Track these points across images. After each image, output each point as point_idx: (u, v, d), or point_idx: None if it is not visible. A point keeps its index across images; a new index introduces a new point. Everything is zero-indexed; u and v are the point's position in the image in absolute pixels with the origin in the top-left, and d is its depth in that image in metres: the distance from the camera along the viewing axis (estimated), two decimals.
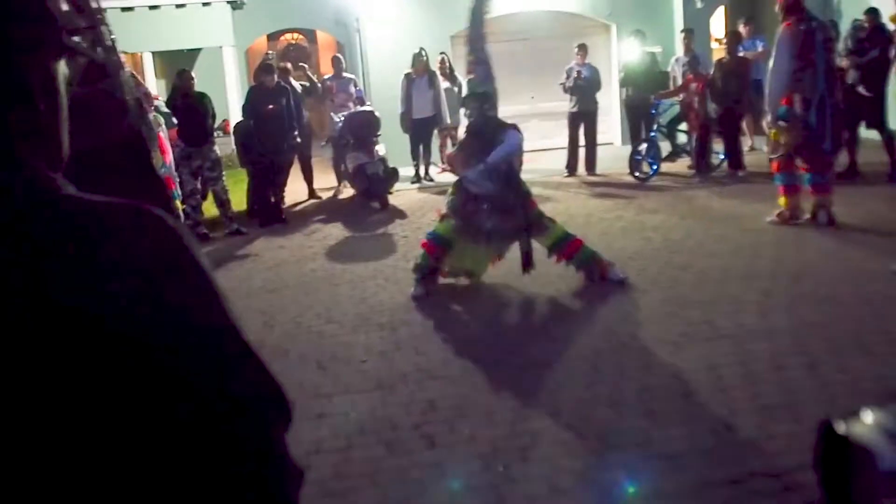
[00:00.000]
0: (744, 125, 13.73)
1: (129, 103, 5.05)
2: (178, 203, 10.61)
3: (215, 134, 12.09)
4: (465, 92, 13.74)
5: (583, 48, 14.04)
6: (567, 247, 7.88)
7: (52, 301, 1.04)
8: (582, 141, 14.13)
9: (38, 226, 1.07)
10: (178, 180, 10.83)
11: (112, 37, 4.88)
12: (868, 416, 1.25)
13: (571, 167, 14.12)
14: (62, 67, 1.23)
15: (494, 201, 7.64)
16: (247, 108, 12.28)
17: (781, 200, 9.50)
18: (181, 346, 1.09)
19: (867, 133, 11.85)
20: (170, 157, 10.49)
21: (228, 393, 1.12)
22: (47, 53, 1.20)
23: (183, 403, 1.09)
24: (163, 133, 10.17)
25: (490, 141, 7.75)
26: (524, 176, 8.15)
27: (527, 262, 7.74)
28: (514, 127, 7.98)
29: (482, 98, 8.00)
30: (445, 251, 7.91)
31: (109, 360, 1.05)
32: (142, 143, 5.22)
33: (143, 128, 5.28)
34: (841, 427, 1.24)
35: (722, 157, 13.19)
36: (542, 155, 15.76)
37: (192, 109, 11.17)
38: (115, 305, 1.05)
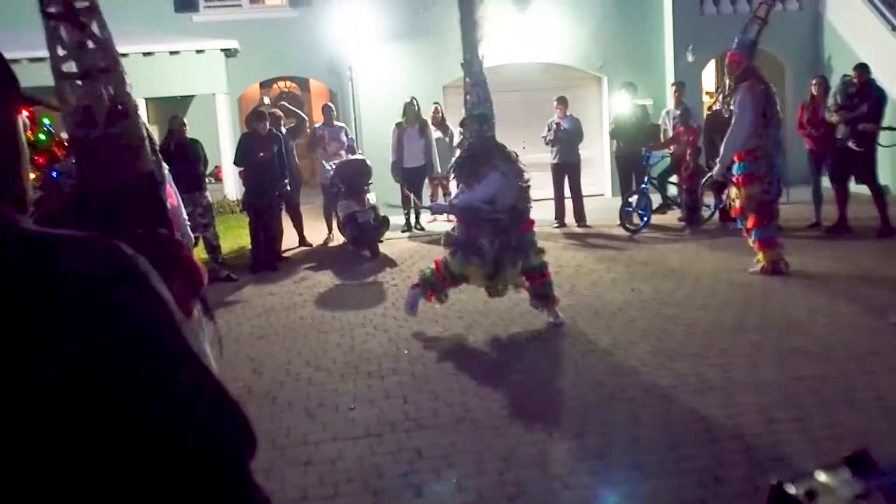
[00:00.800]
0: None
1: (143, 143, 5.10)
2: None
3: (207, 180, 12.12)
4: (456, 140, 13.90)
5: (562, 101, 14.13)
6: (539, 276, 8.17)
7: (9, 331, 1.05)
8: (568, 192, 14.18)
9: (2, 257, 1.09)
10: (187, 222, 10.82)
11: (129, 81, 4.90)
12: (819, 479, 1.28)
13: (560, 218, 14.18)
14: (21, 118, 1.29)
15: (495, 223, 7.91)
16: (238, 156, 12.33)
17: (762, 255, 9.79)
18: (141, 376, 1.10)
19: (857, 188, 11.93)
20: (175, 200, 10.50)
21: (191, 422, 1.13)
22: (8, 106, 1.25)
23: (145, 434, 1.09)
24: (168, 177, 10.15)
25: (489, 163, 7.99)
26: None
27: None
28: (508, 159, 8.12)
29: (480, 119, 8.16)
30: (455, 281, 8.25)
31: (68, 391, 1.05)
32: (153, 181, 5.26)
33: (154, 167, 5.30)
34: (791, 489, 1.28)
35: (712, 209, 13.26)
36: (533, 205, 15.82)
37: (184, 156, 11.21)
38: (73, 333, 1.07)
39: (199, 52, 16.71)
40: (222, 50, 16.86)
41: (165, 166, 5.63)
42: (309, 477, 5.15)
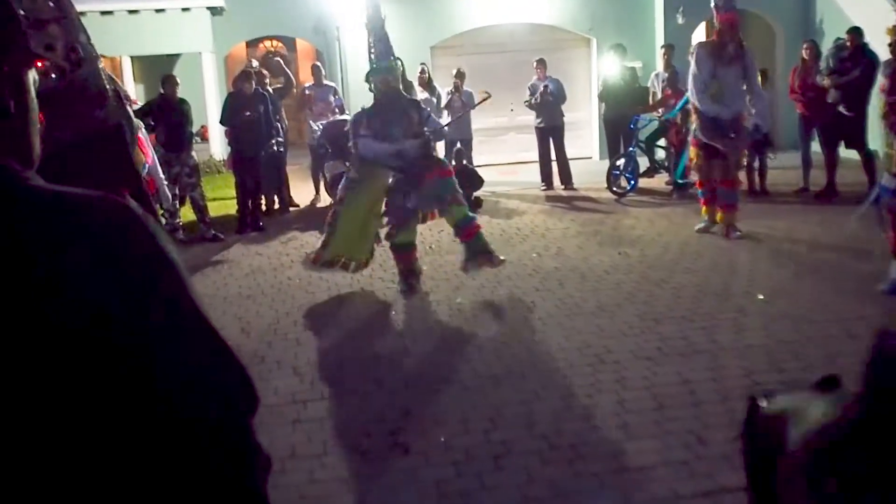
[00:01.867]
0: None
1: (106, 93, 5.01)
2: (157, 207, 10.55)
3: (194, 140, 12.06)
4: (444, 102, 13.85)
5: (541, 63, 14.03)
6: (467, 228, 8.23)
7: (14, 286, 1.05)
8: (554, 155, 14.15)
9: (4, 214, 1.08)
10: (164, 181, 10.77)
11: (86, 30, 4.81)
12: (786, 397, 1.38)
13: (547, 181, 14.15)
14: (31, 74, 1.27)
15: (407, 176, 8.05)
16: (224, 115, 12.26)
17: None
18: (150, 334, 1.10)
19: (846, 153, 11.94)
20: (151, 158, 10.43)
21: (198, 380, 1.13)
22: (16, 60, 1.23)
23: (154, 391, 1.09)
24: (142, 134, 10.12)
25: (400, 115, 8.18)
26: (503, 188, 8.26)
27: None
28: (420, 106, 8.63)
29: (385, 70, 8.31)
30: (407, 254, 8.37)
31: (78, 346, 1.05)
32: (120, 134, 5.18)
33: (122, 120, 5.24)
34: (763, 402, 1.38)
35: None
36: (521, 167, 15.82)
37: (172, 116, 11.15)
38: (83, 291, 1.06)
39: (184, 9, 16.54)
40: (208, 8, 16.69)
41: (140, 123, 5.58)
42: (297, 435, 5.18)
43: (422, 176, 8.03)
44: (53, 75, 4.68)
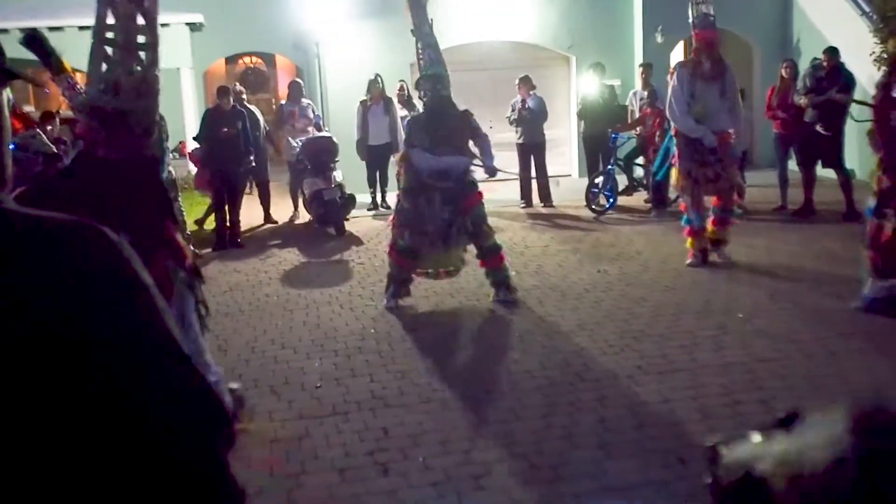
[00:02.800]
0: None
1: (154, 126, 5.09)
2: None
3: (170, 156, 11.98)
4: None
5: (525, 80, 14.01)
6: (495, 257, 8.21)
7: None
8: (534, 172, 14.16)
9: None
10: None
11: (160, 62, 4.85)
12: (751, 442, 1.31)
13: (526, 198, 14.14)
14: (6, 93, 1.24)
15: (446, 192, 7.90)
16: (202, 131, 12.19)
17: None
18: (121, 364, 1.06)
19: (823, 171, 12.00)
20: None
21: (170, 413, 1.10)
22: None
23: (122, 422, 1.06)
24: None
25: (447, 123, 8.02)
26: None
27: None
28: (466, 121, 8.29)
29: (434, 79, 8.10)
30: (412, 262, 8.19)
31: (44, 373, 1.02)
32: (157, 165, 5.26)
33: (160, 154, 5.31)
34: (722, 449, 1.33)
35: None
36: (499, 185, 15.81)
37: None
38: (51, 317, 1.03)
39: (163, 25, 16.19)
40: (187, 24, 16.59)
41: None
42: (275, 455, 5.13)
43: (463, 198, 7.99)
44: (130, 97, 4.78)
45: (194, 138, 12.75)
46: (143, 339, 1.11)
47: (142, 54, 4.80)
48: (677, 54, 17.87)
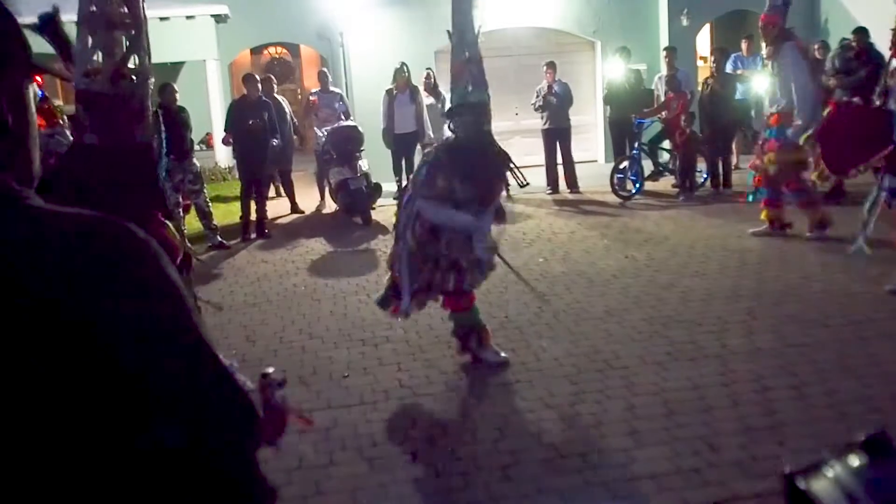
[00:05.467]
0: (732, 144, 13.74)
1: (147, 111, 5.03)
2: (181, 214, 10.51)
3: (196, 147, 12.03)
4: (447, 106, 13.78)
5: (551, 66, 13.97)
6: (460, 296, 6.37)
7: (15, 312, 1.00)
8: (560, 158, 14.10)
9: (3, 232, 1.04)
10: (168, 193, 10.68)
11: (149, 45, 4.84)
12: (828, 471, 1.17)
13: (553, 184, 14.10)
14: (31, 87, 1.23)
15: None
16: (228, 122, 12.24)
17: (765, 214, 9.80)
18: (151, 362, 1.05)
19: None
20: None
21: (201, 412, 1.09)
22: (16, 71, 1.19)
23: (153, 421, 1.05)
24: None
25: (487, 167, 6.15)
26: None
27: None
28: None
29: (477, 109, 6.14)
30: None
31: (75, 373, 1.01)
32: (151, 153, 5.19)
33: (154, 140, 5.24)
34: (801, 483, 1.17)
35: (705, 175, 13.22)
36: (526, 172, 15.73)
37: (173, 124, 11.10)
38: (82, 317, 1.02)
39: (188, 17, 16.50)
40: (212, 16, 16.66)
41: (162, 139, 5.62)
42: (303, 445, 5.12)
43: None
44: (106, 79, 4.70)
45: (224, 129, 12.79)
46: (173, 338, 1.10)
47: (119, 34, 4.74)
48: (703, 38, 17.75)
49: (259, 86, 12.17)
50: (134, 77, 4.88)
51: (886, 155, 7.38)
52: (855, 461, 1.15)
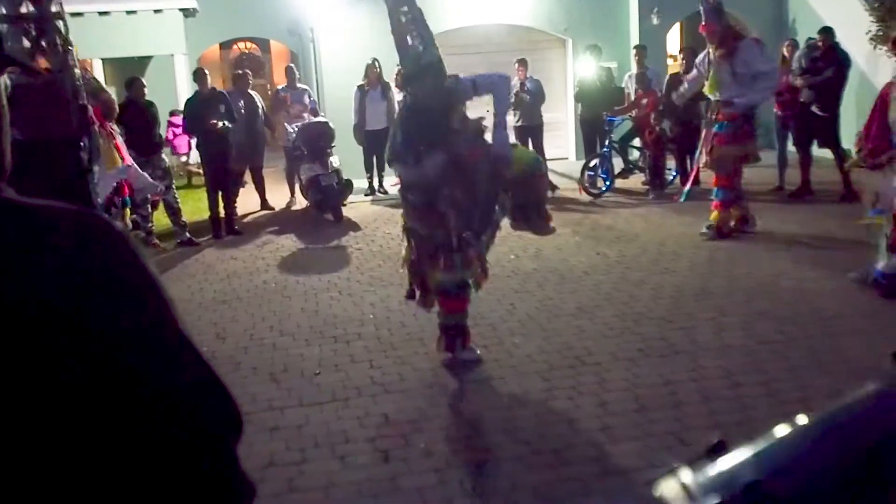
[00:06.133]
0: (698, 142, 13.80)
1: (73, 101, 4.94)
2: (126, 212, 10.43)
3: (165, 143, 11.92)
4: None
5: (523, 63, 13.99)
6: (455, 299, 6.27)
7: None
8: None
9: None
10: (141, 184, 10.54)
11: (68, 36, 4.80)
12: (683, 476, 1.22)
13: None
14: (3, 79, 1.20)
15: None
16: (188, 124, 12.06)
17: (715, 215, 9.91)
18: (130, 355, 1.03)
19: (820, 152, 11.96)
20: (129, 160, 10.26)
21: (180, 404, 1.07)
22: None
23: (133, 414, 1.03)
24: (119, 139, 10.00)
25: (438, 122, 5.91)
26: None
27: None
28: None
29: (436, 68, 5.96)
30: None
31: (51, 367, 0.99)
32: (78, 147, 5.10)
33: (84, 136, 5.14)
34: (657, 489, 1.23)
35: (675, 173, 13.27)
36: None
37: (142, 119, 11.00)
38: (60, 311, 1.00)
39: (156, 11, 16.36)
40: (181, 9, 16.51)
41: (117, 128, 5.54)
42: (275, 443, 5.10)
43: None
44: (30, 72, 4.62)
45: (184, 131, 12.68)
46: (153, 332, 1.08)
47: (31, 26, 4.67)
48: (673, 36, 17.82)
49: (208, 80, 11.96)
50: (55, 71, 4.81)
51: None
52: (699, 466, 1.22)
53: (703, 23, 9.59)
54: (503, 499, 4.39)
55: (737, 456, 1.20)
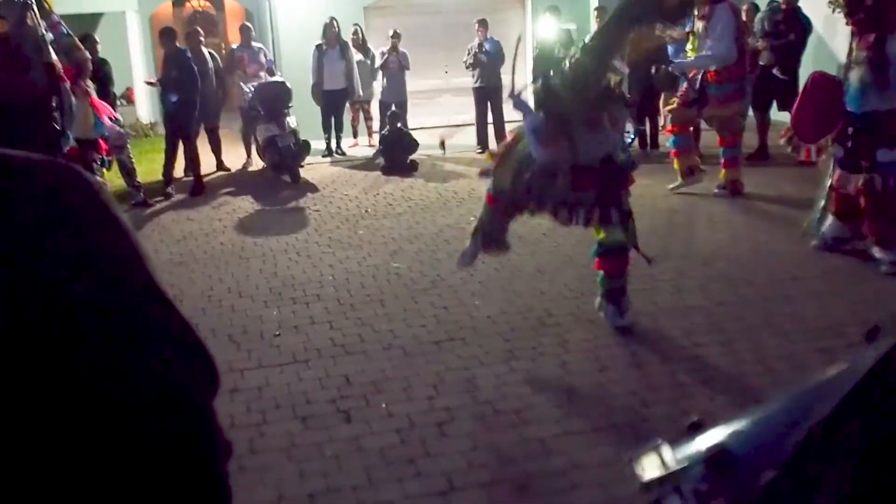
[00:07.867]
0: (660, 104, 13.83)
1: (32, 60, 4.81)
2: (104, 171, 10.18)
3: (119, 102, 11.71)
4: (378, 62, 13.63)
5: (483, 24, 13.88)
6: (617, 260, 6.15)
7: None
8: (491, 117, 14.06)
9: None
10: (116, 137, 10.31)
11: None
12: (663, 452, 1.35)
13: (483, 143, 14.06)
14: None
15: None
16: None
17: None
18: (103, 306, 1.00)
19: (778, 115, 12.04)
20: (109, 112, 10.06)
21: (158, 355, 1.03)
22: None
23: (109, 368, 0.99)
24: (94, 94, 9.80)
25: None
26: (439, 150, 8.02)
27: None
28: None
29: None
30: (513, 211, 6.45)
31: (24, 320, 0.95)
32: (47, 108, 4.98)
33: (52, 91, 5.03)
34: (635, 468, 1.34)
35: (632, 136, 13.29)
36: (456, 130, 15.71)
37: (95, 77, 10.79)
38: (35, 261, 0.96)
39: None
40: None
41: (92, 86, 5.43)
42: (236, 405, 5.07)
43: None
44: None
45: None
46: (126, 284, 1.04)
47: None
48: None
49: (175, 38, 11.73)
50: (13, 27, 4.68)
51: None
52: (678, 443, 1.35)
53: None
54: (464, 458, 4.40)
55: (714, 433, 1.30)
